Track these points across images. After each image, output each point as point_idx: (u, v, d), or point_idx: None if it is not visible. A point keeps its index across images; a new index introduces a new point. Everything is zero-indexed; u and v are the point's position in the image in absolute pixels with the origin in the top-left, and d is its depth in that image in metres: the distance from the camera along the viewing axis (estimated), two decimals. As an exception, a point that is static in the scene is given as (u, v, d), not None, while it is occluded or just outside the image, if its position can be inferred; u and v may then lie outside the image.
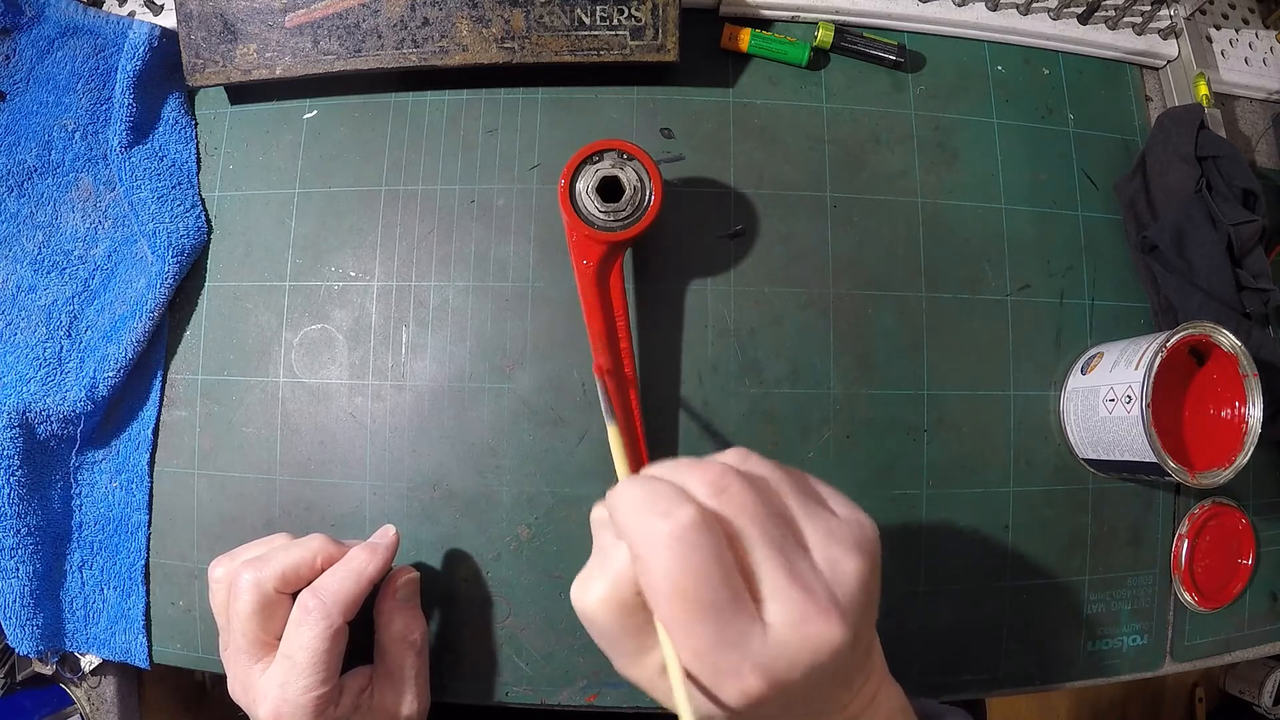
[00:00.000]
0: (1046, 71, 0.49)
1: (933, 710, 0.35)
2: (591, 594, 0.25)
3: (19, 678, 0.45)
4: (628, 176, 0.38)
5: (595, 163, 0.38)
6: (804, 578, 0.24)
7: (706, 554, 0.23)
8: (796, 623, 0.23)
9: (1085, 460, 0.45)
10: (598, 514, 0.28)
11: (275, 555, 0.36)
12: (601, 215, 0.38)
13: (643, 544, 0.23)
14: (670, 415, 0.43)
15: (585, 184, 0.38)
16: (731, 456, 0.28)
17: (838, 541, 0.25)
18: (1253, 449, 0.40)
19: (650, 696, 0.27)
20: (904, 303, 0.45)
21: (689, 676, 0.24)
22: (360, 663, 0.39)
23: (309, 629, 0.34)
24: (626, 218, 0.38)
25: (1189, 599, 0.45)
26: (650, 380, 0.43)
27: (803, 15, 0.47)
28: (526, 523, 0.43)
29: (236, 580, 0.35)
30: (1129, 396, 0.40)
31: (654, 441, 0.43)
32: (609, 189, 0.39)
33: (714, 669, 0.23)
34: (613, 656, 0.26)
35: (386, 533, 0.39)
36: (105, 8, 0.48)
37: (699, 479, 0.25)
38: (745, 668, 0.23)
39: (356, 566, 0.36)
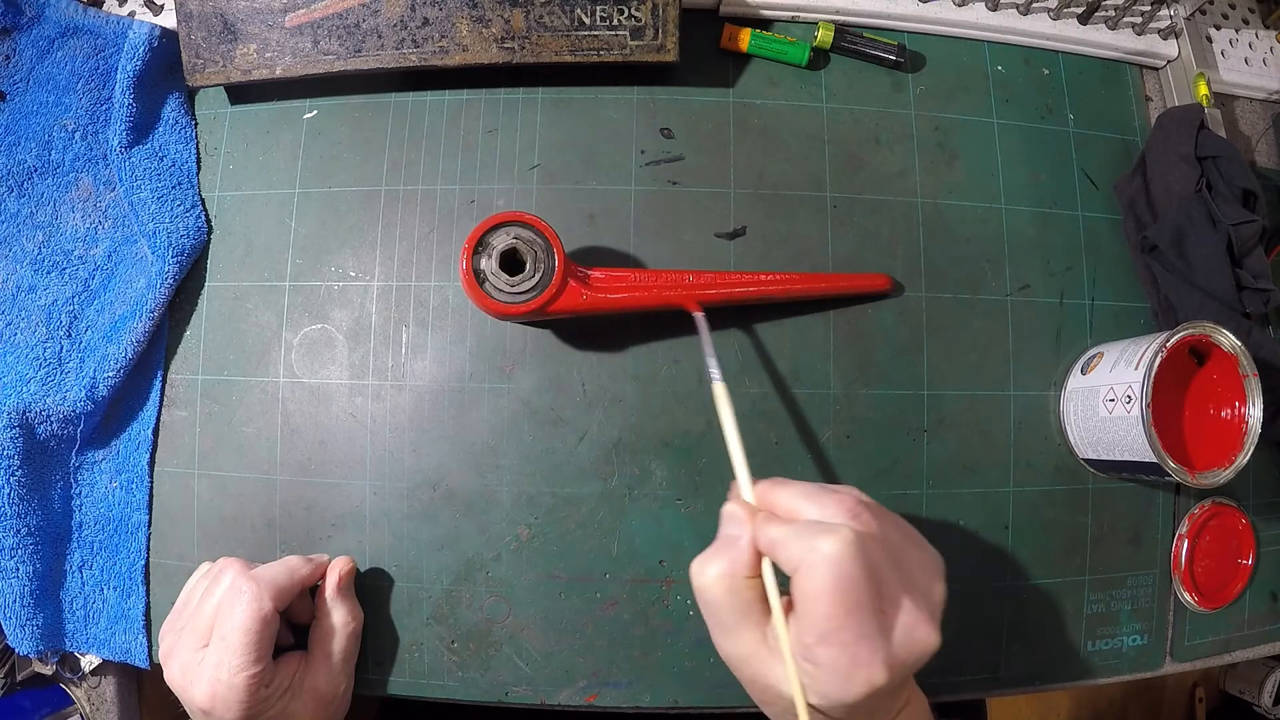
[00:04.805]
0: (1046, 71, 0.49)
1: None
2: (709, 571, 0.30)
3: (19, 678, 0.45)
4: (527, 246, 0.38)
5: (493, 237, 0.38)
6: (916, 594, 0.29)
7: (863, 564, 0.27)
8: (913, 628, 0.28)
9: (1085, 460, 0.45)
10: (728, 509, 0.32)
11: (269, 570, 0.39)
12: (509, 290, 0.38)
13: (807, 553, 0.28)
14: (670, 416, 0.43)
15: (488, 262, 0.38)
16: (849, 490, 0.32)
17: (929, 570, 0.31)
18: (1253, 449, 0.40)
19: (736, 673, 0.31)
20: (904, 303, 0.45)
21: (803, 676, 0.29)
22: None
23: (242, 609, 0.36)
24: (533, 289, 0.38)
25: (1189, 599, 0.45)
26: (649, 380, 0.43)
27: (803, 15, 0.47)
28: (526, 523, 0.43)
29: (243, 585, 0.37)
30: (1129, 396, 0.40)
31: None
32: (511, 261, 0.38)
33: (852, 659, 0.27)
34: (713, 627, 0.31)
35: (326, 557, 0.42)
36: (105, 8, 0.48)
37: (837, 506, 0.30)
38: (877, 660, 0.27)
39: (291, 564, 0.40)
